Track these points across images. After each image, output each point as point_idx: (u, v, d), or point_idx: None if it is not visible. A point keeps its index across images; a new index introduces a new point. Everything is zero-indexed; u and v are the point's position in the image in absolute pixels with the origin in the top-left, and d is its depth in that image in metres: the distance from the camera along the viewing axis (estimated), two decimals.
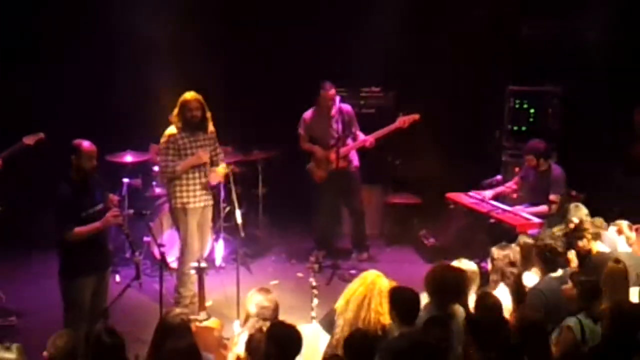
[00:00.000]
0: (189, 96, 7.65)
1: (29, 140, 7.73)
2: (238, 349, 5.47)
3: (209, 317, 6.83)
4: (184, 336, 5.08)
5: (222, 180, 8.05)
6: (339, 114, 8.99)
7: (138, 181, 9.15)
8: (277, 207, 9.95)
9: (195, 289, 7.25)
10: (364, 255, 9.30)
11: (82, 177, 6.43)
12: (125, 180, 8.90)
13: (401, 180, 10.18)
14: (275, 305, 5.58)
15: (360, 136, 9.03)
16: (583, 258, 6.56)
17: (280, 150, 9.75)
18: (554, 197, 8.12)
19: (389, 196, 10.13)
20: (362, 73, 9.86)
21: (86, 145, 6.42)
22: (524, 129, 9.59)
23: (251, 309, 5.55)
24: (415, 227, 9.81)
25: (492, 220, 8.20)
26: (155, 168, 8.84)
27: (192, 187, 7.71)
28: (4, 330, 7.35)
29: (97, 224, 6.40)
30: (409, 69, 10.01)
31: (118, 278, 8.22)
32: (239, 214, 7.79)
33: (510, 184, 8.68)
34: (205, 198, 7.81)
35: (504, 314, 5.63)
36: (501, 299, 5.72)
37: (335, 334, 5.55)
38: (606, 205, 7.75)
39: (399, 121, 8.87)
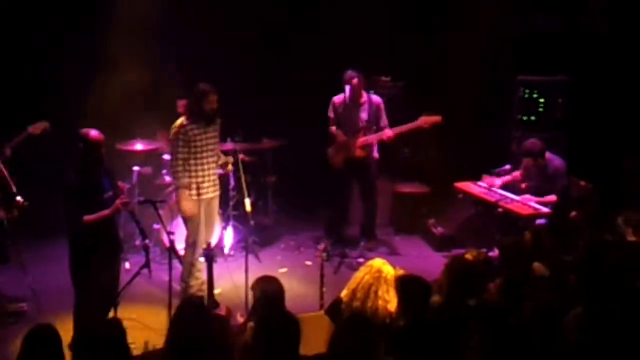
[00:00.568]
0: (209, 88, 7.56)
1: (34, 129, 7.64)
2: (246, 336, 5.49)
3: (217, 305, 6.87)
4: (205, 319, 5.05)
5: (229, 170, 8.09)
6: (368, 104, 9.00)
7: (148, 169, 9.17)
8: (287, 196, 9.96)
9: (203, 276, 7.29)
10: (372, 244, 9.30)
11: (90, 166, 6.46)
12: (136, 168, 8.92)
13: (410, 170, 10.17)
14: (282, 292, 5.59)
15: (386, 130, 8.99)
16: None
17: (289, 139, 9.76)
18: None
19: (398, 185, 10.13)
20: (371, 62, 9.84)
21: (94, 134, 6.45)
22: (533, 118, 9.57)
23: (257, 295, 5.57)
24: (424, 216, 9.80)
25: (500, 210, 8.22)
26: (166, 156, 8.88)
27: (202, 179, 7.67)
28: (15, 317, 7.42)
29: (106, 212, 6.44)
30: (418, 59, 10.00)
31: (128, 265, 8.26)
32: (248, 202, 7.82)
33: (517, 174, 8.66)
34: (213, 189, 7.81)
35: None
36: None
37: None
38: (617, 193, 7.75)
39: (421, 120, 8.82)
